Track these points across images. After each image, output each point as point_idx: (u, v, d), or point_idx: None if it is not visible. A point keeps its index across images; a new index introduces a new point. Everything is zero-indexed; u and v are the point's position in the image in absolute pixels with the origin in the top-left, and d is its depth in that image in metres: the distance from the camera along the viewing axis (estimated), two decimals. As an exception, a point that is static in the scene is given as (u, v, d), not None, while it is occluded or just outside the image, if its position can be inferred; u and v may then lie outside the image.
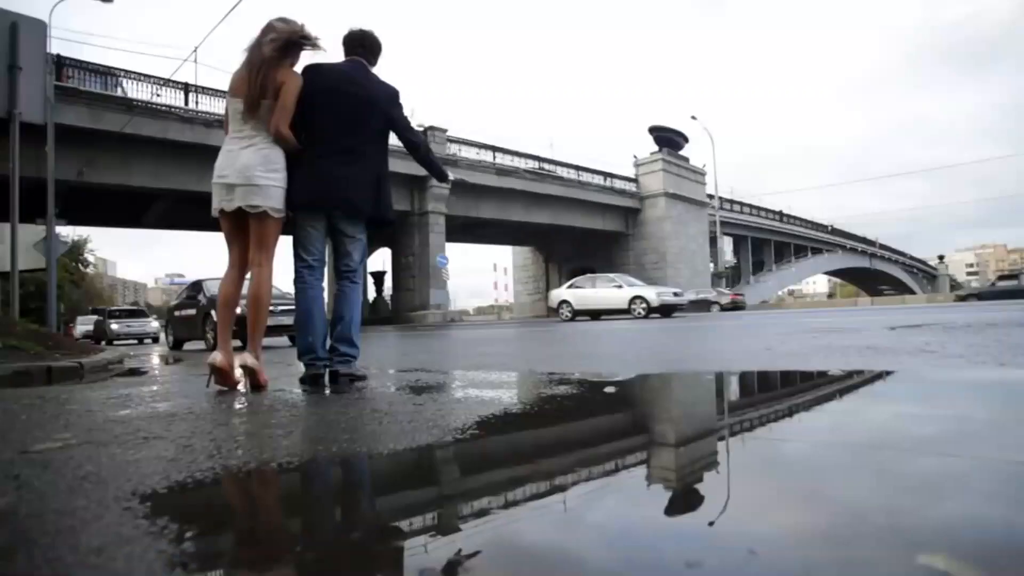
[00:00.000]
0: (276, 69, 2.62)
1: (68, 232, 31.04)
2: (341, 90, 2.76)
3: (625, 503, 0.98)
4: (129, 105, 16.87)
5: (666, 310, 15.23)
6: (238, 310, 2.82)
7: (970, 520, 0.82)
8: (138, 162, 18.31)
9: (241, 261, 2.75)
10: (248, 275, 2.76)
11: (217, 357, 2.60)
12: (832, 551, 0.73)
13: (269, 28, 2.67)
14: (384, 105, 2.84)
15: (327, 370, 2.75)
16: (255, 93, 2.59)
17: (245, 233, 2.73)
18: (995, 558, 0.69)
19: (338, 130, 2.75)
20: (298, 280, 2.80)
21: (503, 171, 27.33)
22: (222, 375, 2.63)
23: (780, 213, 48.04)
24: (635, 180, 33.60)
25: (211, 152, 2.76)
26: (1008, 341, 3.37)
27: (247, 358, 2.59)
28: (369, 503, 1.09)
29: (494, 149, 27.73)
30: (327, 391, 2.49)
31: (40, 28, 5.93)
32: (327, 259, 2.94)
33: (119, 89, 17.42)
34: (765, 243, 47.37)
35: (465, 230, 31.32)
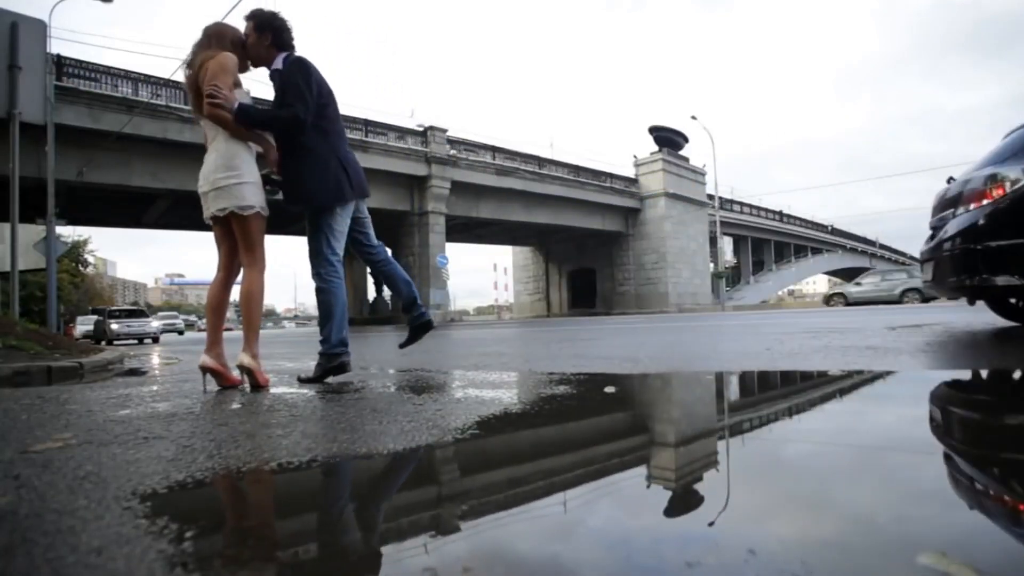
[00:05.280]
0: (200, 65, 2.62)
1: (68, 232, 31.13)
2: (327, 82, 2.90)
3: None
4: (129, 105, 16.89)
5: None
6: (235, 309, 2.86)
7: (973, 523, 0.82)
8: (138, 162, 18.34)
9: (228, 265, 2.76)
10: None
11: (204, 359, 2.61)
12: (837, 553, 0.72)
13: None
14: None
15: (424, 321, 3.10)
16: (193, 95, 2.64)
17: (232, 237, 2.72)
18: (1000, 562, 0.68)
19: (340, 121, 2.94)
20: (333, 275, 2.82)
21: (503, 171, 27.34)
22: (218, 376, 2.64)
23: (780, 213, 48.09)
24: (635, 180, 33.63)
25: (211, 152, 2.78)
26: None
27: (243, 358, 2.59)
28: (369, 503, 1.09)
29: (494, 149, 27.73)
30: (328, 391, 2.49)
31: (40, 28, 5.93)
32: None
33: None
34: (765, 243, 47.41)
35: (465, 230, 31.34)
